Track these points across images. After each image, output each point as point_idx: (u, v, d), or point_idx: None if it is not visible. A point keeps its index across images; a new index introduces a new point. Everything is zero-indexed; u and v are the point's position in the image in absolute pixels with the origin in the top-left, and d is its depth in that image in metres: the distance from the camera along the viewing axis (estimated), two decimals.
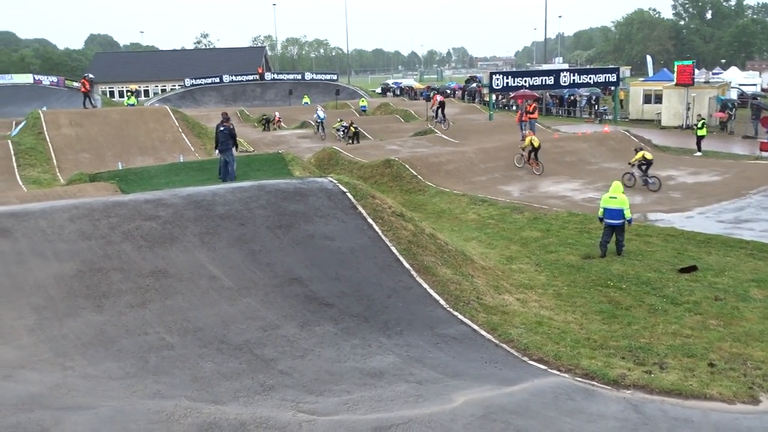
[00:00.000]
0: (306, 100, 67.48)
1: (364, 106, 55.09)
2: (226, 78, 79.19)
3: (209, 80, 79.06)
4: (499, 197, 20.42)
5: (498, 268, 13.07)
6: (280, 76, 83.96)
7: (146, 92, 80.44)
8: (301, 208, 12.27)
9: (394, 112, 50.38)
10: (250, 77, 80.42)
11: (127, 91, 38.69)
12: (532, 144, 24.45)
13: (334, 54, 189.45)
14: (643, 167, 21.50)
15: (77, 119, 27.99)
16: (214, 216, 11.67)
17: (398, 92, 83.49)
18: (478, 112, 49.89)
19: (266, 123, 46.75)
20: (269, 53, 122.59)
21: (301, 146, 34.59)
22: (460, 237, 16.02)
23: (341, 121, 38.25)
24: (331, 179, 13.66)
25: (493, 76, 40.54)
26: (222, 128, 18.94)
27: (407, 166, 23.60)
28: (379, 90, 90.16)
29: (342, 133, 36.37)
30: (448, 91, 71.58)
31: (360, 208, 12.56)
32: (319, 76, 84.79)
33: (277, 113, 50.07)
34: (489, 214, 18.61)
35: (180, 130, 28.73)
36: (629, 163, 22.15)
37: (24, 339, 8.34)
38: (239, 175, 19.13)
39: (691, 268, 13.08)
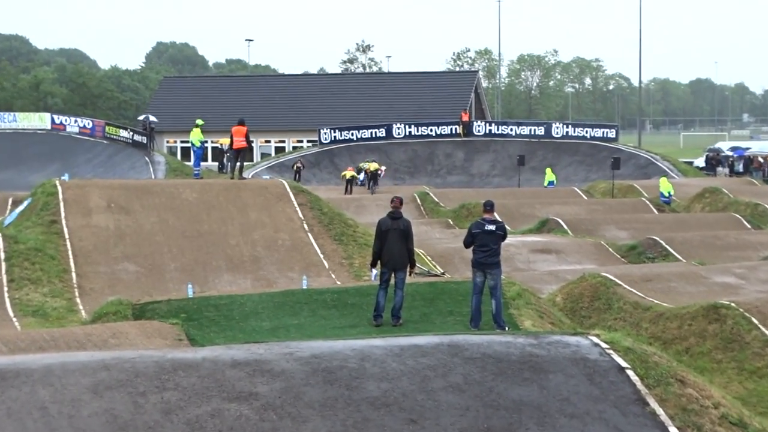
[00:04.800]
0: (550, 177, 53.15)
1: (667, 198, 45.95)
2: (398, 129, 64.94)
3: (365, 132, 65.50)
4: None
5: None
6: (504, 129, 67.25)
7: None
8: (533, 397, 10.41)
9: (731, 207, 41.36)
10: (446, 128, 64.78)
11: (195, 126, 33.11)
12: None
13: (612, 86, 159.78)
14: None
15: (122, 199, 25.55)
16: (359, 401, 10.04)
17: (740, 167, 63.46)
18: None
19: (371, 180, 50.06)
20: (484, 84, 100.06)
21: (537, 268, 29.14)
22: None
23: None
24: (595, 339, 11.89)
25: None
26: (494, 227, 15.51)
27: (755, 320, 20.00)
28: (700, 162, 69.63)
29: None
30: None
31: (653, 404, 10.48)
32: (579, 130, 67.47)
33: (384, 168, 53.25)
34: None
35: (305, 225, 25.80)
36: None
37: None
38: (415, 320, 16.57)
39: None
